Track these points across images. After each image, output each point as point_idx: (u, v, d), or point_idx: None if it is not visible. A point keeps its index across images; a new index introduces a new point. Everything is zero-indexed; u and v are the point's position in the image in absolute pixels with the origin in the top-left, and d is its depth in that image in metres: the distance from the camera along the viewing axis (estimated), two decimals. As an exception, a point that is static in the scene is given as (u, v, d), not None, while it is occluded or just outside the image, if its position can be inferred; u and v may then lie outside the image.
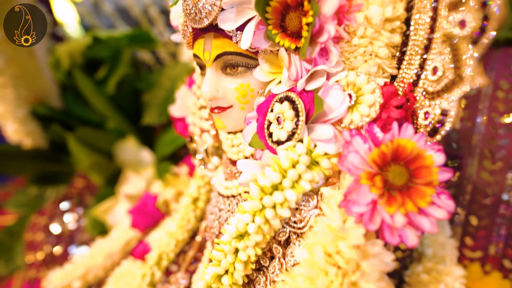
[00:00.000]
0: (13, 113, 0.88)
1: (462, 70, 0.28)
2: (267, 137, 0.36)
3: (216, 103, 0.41)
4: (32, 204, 1.01)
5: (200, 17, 0.35)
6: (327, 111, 0.33)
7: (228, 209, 0.46)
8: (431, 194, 0.29)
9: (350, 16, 0.32)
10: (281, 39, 0.33)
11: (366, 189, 0.29)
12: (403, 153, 0.30)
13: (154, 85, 0.95)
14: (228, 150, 0.47)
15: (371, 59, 0.34)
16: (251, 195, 0.33)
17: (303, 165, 0.31)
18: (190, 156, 0.85)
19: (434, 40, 0.30)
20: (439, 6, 0.29)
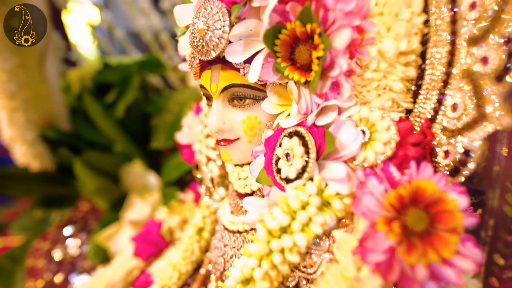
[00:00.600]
0: (23, 136, 0.89)
1: (486, 108, 0.26)
2: (275, 173, 0.34)
3: (222, 135, 0.39)
4: (36, 228, 1.00)
5: (207, 50, 0.34)
6: (339, 148, 0.31)
7: (233, 245, 0.43)
8: (456, 242, 0.26)
9: (363, 50, 0.31)
10: (290, 72, 0.32)
11: (382, 235, 0.27)
12: (422, 196, 0.27)
13: (163, 110, 0.95)
14: (234, 182, 0.45)
15: (385, 93, 0.32)
16: (257, 237, 0.31)
17: (313, 207, 0.29)
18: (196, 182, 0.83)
19: (452, 75, 0.29)
20: (457, 41, 0.28)
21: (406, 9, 0.30)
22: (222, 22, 0.33)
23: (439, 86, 0.30)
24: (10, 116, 0.86)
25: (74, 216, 0.98)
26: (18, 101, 0.86)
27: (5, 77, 0.83)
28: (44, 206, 1.02)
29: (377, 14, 0.31)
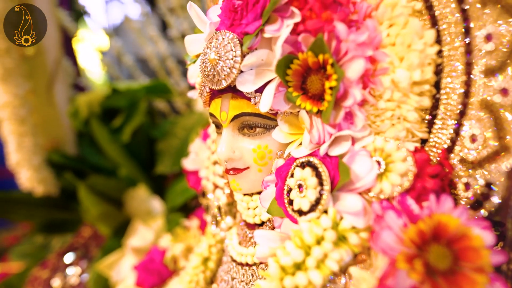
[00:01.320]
0: (29, 161, 0.89)
1: (508, 140, 0.25)
2: (287, 204, 0.33)
3: (232, 164, 0.39)
4: (36, 254, 0.98)
5: (218, 79, 0.35)
6: (354, 180, 0.30)
7: (242, 279, 0.41)
8: (484, 283, 0.24)
9: (376, 80, 0.30)
10: (302, 102, 0.32)
11: (404, 274, 0.25)
12: (444, 231, 0.26)
13: (169, 134, 0.95)
14: (243, 212, 0.44)
15: (399, 123, 0.31)
16: (270, 273, 0.29)
17: (329, 242, 0.28)
18: (202, 209, 0.82)
19: (469, 105, 0.28)
20: (472, 71, 0.28)
21: (419, 40, 0.30)
22: (234, 52, 0.33)
23: (455, 116, 0.29)
24: (18, 140, 0.87)
25: (75, 243, 0.96)
26: (27, 126, 0.87)
27: (17, 103, 0.84)
28: (45, 232, 1.00)
29: (389, 44, 0.31)
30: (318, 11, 0.30)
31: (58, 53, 0.95)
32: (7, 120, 0.86)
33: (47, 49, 0.93)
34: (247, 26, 0.33)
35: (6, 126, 0.87)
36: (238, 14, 0.34)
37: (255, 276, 0.39)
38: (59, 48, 0.95)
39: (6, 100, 0.83)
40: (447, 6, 0.29)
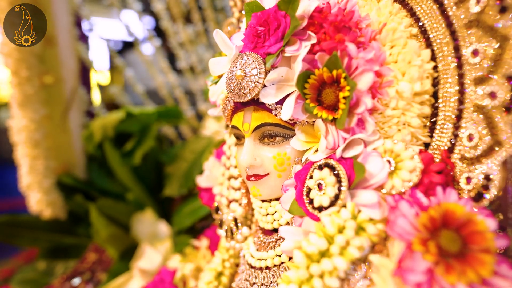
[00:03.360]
0: (40, 183, 0.91)
1: (500, 136, 0.30)
2: (307, 204, 0.37)
3: (253, 171, 0.42)
4: (38, 281, 0.96)
5: (243, 93, 0.39)
6: (368, 177, 0.34)
7: (262, 282, 0.43)
8: (492, 263, 0.27)
9: (383, 91, 0.35)
10: (319, 111, 0.37)
11: (419, 256, 0.28)
12: (452, 218, 0.29)
13: (177, 158, 0.99)
14: (262, 218, 0.47)
15: (405, 128, 0.36)
16: (296, 263, 0.32)
17: (351, 230, 0.31)
18: (210, 229, 0.83)
19: (464, 110, 0.33)
20: (464, 81, 0.33)
21: (417, 57, 0.35)
22: (258, 69, 0.38)
23: (453, 120, 0.34)
24: (31, 163, 0.89)
25: (80, 267, 0.95)
26: (40, 150, 0.90)
27: (33, 127, 0.88)
28: (49, 257, 0.99)
29: (392, 62, 0.36)
30: (331, 34, 0.35)
31: (75, 82, 1.01)
32: (22, 143, 0.89)
33: (65, 78, 0.99)
34: (269, 47, 0.38)
35: (20, 149, 0.90)
36: (261, 38, 0.39)
37: (276, 277, 0.41)
38: (76, 78, 1.01)
39: (23, 124, 0.87)
40: (438, 30, 0.35)
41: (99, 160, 1.08)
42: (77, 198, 0.93)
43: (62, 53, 0.98)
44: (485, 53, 0.31)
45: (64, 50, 0.98)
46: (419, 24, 0.37)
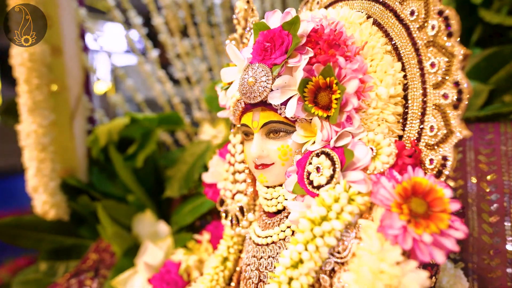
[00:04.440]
0: (45, 185, 0.95)
1: (452, 126, 0.40)
2: (307, 184, 0.45)
3: (260, 160, 0.51)
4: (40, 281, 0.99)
5: (254, 96, 0.48)
6: (355, 161, 0.43)
7: (269, 255, 0.51)
8: (448, 219, 0.37)
9: (365, 94, 0.45)
10: (315, 110, 0.46)
11: (396, 216, 0.37)
12: (420, 188, 0.39)
13: (177, 161, 1.05)
14: (266, 203, 0.55)
15: (383, 123, 0.46)
16: (301, 228, 0.40)
17: (344, 199, 0.40)
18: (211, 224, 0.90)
19: (427, 108, 0.43)
20: (426, 86, 0.43)
21: (391, 68, 0.45)
22: (267, 77, 0.47)
23: (419, 116, 0.44)
24: (38, 166, 0.94)
25: (83, 266, 0.98)
26: (47, 153, 0.95)
27: (41, 132, 0.93)
28: (51, 258, 1.02)
29: (372, 71, 0.46)
30: (325, 49, 0.45)
31: (80, 90, 1.07)
32: (31, 146, 0.94)
33: (70, 87, 1.05)
34: (275, 59, 0.47)
35: (28, 153, 0.95)
36: (268, 52, 0.48)
37: (282, 248, 0.49)
38: (81, 87, 1.07)
39: (32, 129, 0.92)
40: (406, 47, 0.46)
41: (100, 164, 1.13)
42: (83, 198, 0.97)
43: (68, 63, 1.04)
44: (439, 65, 0.41)
45: (70, 60, 1.05)
46: (392, 42, 0.47)
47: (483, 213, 0.65)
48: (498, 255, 0.62)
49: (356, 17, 0.50)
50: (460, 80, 0.40)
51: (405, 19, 0.45)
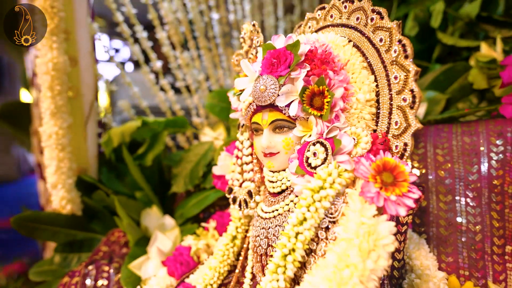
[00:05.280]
0: (63, 182, 1.05)
1: (409, 121, 0.56)
2: (306, 167, 0.60)
3: (269, 150, 0.65)
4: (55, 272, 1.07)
5: (265, 100, 0.62)
6: (342, 148, 0.58)
7: (276, 224, 0.65)
8: (407, 186, 0.52)
9: (349, 99, 0.61)
10: (312, 111, 0.61)
11: (372, 184, 0.52)
12: (388, 165, 0.54)
13: (182, 160, 1.18)
14: (271, 186, 0.69)
15: (361, 120, 0.61)
16: (303, 196, 0.55)
17: (335, 174, 0.54)
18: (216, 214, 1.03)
19: (392, 109, 0.59)
20: (392, 93, 0.59)
21: (367, 80, 0.61)
22: (275, 85, 0.62)
23: (387, 115, 0.60)
24: (58, 165, 1.04)
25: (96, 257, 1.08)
26: (66, 153, 1.05)
27: (61, 133, 1.03)
28: (65, 251, 1.11)
29: (353, 82, 0.62)
30: (319, 65, 0.60)
31: (92, 97, 1.18)
32: (51, 147, 1.03)
33: (84, 93, 1.16)
34: (281, 72, 0.62)
35: (48, 152, 1.04)
36: (275, 66, 0.63)
37: (287, 217, 0.63)
38: (93, 93, 1.18)
39: (54, 131, 1.02)
40: (377, 65, 0.62)
41: (109, 164, 1.23)
42: (99, 193, 1.07)
43: (83, 72, 1.15)
44: (400, 78, 0.57)
45: (85, 70, 1.16)
46: (367, 61, 0.64)
47: (440, 194, 0.81)
48: (451, 226, 0.79)
49: (340, 41, 0.66)
50: (414, 88, 0.56)
51: (376, 44, 0.62)
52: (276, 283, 0.53)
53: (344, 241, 0.50)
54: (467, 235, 0.77)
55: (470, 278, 0.76)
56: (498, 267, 0.75)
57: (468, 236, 0.78)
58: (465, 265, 0.77)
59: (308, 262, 0.56)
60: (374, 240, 0.48)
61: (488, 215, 0.77)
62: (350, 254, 0.48)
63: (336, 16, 0.70)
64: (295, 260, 0.53)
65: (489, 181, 0.78)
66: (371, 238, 0.48)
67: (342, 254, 0.48)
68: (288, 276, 0.53)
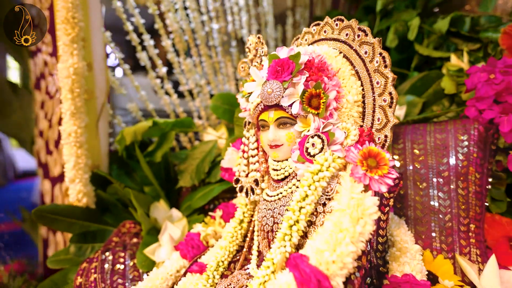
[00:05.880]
0: (81, 177, 1.14)
1: (389, 117, 0.70)
2: (306, 155, 0.73)
3: (274, 142, 0.78)
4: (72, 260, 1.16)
5: (271, 100, 0.75)
6: (335, 140, 0.71)
7: (281, 204, 0.77)
8: (388, 168, 0.66)
9: (340, 100, 0.74)
10: (310, 110, 0.74)
11: (360, 168, 0.66)
12: (372, 153, 0.68)
13: (188, 157, 1.29)
14: (275, 173, 0.81)
15: (350, 117, 0.75)
16: (305, 178, 0.67)
17: (330, 158, 0.67)
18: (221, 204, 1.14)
19: (375, 108, 0.73)
20: (375, 95, 0.73)
21: (355, 84, 0.75)
22: (279, 88, 0.74)
23: (371, 113, 0.74)
24: (76, 161, 1.13)
25: (108, 246, 1.17)
26: (83, 150, 1.15)
27: (79, 132, 1.13)
28: (80, 241, 1.20)
29: (343, 86, 0.76)
30: (316, 72, 0.74)
31: (104, 99, 1.28)
32: (70, 144, 1.13)
33: (97, 96, 1.26)
34: (284, 77, 0.75)
35: (67, 150, 1.14)
36: (279, 73, 0.76)
37: (290, 198, 0.75)
38: (105, 96, 1.29)
39: (73, 130, 1.12)
40: (363, 72, 0.76)
41: (119, 161, 1.33)
42: (113, 187, 1.16)
43: (96, 76, 1.25)
44: (381, 83, 0.71)
45: (98, 74, 1.26)
46: (355, 69, 0.77)
47: (417, 182, 0.96)
48: (425, 209, 0.93)
49: (332, 52, 0.80)
50: (392, 91, 0.70)
51: (362, 55, 0.76)
52: (283, 248, 0.65)
53: (338, 211, 0.62)
54: (438, 216, 0.92)
55: (441, 251, 0.90)
56: (463, 242, 0.90)
57: (439, 217, 0.92)
58: (437, 241, 0.91)
59: (309, 232, 0.69)
60: (362, 210, 0.61)
61: (456, 199, 0.92)
62: (343, 221, 0.61)
63: (329, 32, 0.84)
64: (299, 229, 0.66)
65: (456, 170, 0.93)
66: (360, 209, 0.61)
67: (337, 221, 0.61)
68: (293, 243, 0.66)
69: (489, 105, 0.95)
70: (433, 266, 0.88)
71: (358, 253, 0.59)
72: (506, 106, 0.92)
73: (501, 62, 0.98)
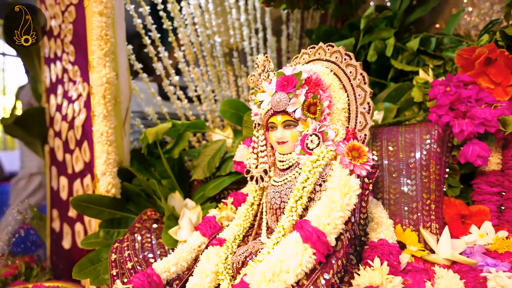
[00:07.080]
0: (111, 171, 1.34)
1: (367, 121, 0.94)
2: (306, 149, 0.96)
3: (281, 139, 1.00)
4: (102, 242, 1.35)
5: (280, 107, 0.98)
6: (328, 137, 0.95)
7: (286, 187, 1.00)
8: (367, 157, 0.90)
9: (331, 107, 0.98)
10: (309, 115, 0.97)
11: (346, 158, 0.89)
12: (355, 147, 0.91)
13: (200, 154, 1.50)
14: (281, 164, 1.04)
15: (339, 121, 0.99)
16: (307, 165, 0.91)
17: (324, 152, 0.91)
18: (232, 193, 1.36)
19: (358, 114, 0.97)
20: (357, 104, 0.97)
21: (342, 96, 0.99)
22: (286, 98, 0.98)
23: (355, 118, 0.98)
24: (107, 156, 1.33)
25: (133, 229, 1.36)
26: (112, 147, 1.35)
27: (110, 132, 1.33)
28: (107, 227, 1.39)
29: (334, 97, 1.00)
30: (314, 86, 0.97)
31: (128, 104, 1.48)
32: (102, 143, 1.32)
33: (122, 101, 1.46)
34: (289, 90, 0.98)
35: (99, 147, 1.33)
36: (285, 86, 0.99)
37: (293, 182, 0.98)
38: (128, 102, 1.48)
39: (105, 130, 1.32)
40: (348, 86, 1.00)
41: (141, 157, 1.53)
42: (138, 179, 1.36)
43: (121, 84, 1.45)
44: (361, 96, 0.96)
45: (122, 83, 1.46)
46: (342, 84, 1.01)
47: (391, 172, 1.21)
48: (397, 193, 1.18)
49: (325, 70, 1.04)
50: (369, 102, 0.94)
51: (348, 74, 1.00)
52: (291, 217, 0.88)
53: (331, 189, 0.86)
54: (407, 199, 1.17)
55: (409, 226, 1.15)
56: (426, 218, 1.15)
57: (408, 199, 1.17)
58: (406, 218, 1.16)
59: (309, 206, 0.92)
60: (348, 187, 0.85)
61: (420, 185, 1.17)
62: (334, 195, 0.84)
63: (322, 54, 1.08)
64: (302, 203, 0.89)
65: (420, 164, 1.19)
66: (346, 186, 0.85)
67: (330, 196, 0.84)
68: (298, 214, 0.89)
69: (445, 112, 1.21)
70: (403, 237, 1.13)
71: (345, 219, 0.82)
72: (457, 112, 1.19)
73: (456, 78, 1.25)
